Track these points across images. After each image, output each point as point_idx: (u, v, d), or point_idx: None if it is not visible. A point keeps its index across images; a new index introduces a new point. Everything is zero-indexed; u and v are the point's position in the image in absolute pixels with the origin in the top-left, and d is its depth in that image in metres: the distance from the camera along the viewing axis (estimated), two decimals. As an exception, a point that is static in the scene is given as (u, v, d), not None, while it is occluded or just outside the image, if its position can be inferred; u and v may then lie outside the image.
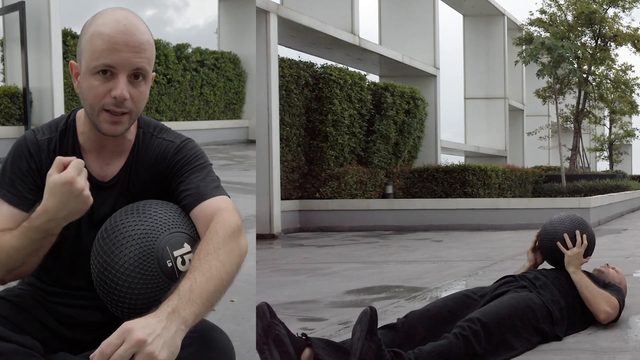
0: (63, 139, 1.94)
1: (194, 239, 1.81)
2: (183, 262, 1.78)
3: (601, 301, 3.52)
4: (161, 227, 1.80)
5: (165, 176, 1.95)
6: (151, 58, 1.85)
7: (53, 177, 1.75)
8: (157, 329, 1.49)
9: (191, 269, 1.65)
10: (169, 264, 1.77)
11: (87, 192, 1.77)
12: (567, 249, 3.63)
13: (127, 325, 1.48)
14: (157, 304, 1.60)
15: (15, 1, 10.22)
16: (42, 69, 10.14)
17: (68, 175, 1.74)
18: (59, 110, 10.02)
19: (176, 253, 1.78)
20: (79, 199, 1.76)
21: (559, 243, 3.64)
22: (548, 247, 3.73)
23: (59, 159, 1.77)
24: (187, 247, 1.80)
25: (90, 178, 1.92)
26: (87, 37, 1.82)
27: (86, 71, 1.81)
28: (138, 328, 1.48)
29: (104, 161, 1.95)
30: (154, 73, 1.92)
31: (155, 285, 1.76)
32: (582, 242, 3.64)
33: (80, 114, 1.96)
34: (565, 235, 3.64)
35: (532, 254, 3.84)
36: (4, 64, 11.25)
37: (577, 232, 3.66)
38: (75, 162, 1.77)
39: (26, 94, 10.30)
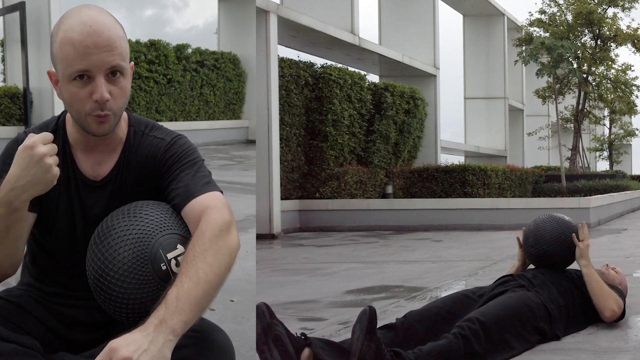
0: (54, 140, 1.93)
1: (187, 239, 1.80)
2: (177, 264, 1.77)
3: (609, 299, 3.51)
4: (154, 230, 1.79)
5: (157, 174, 1.94)
6: (124, 53, 1.83)
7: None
8: (143, 345, 1.49)
9: (179, 275, 1.64)
10: (163, 267, 1.76)
11: (50, 160, 1.72)
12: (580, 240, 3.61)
13: (112, 344, 1.48)
14: (155, 306, 1.60)
15: (15, 1, 10.22)
16: (42, 69, 10.14)
17: (29, 141, 1.71)
18: (59, 111, 10.00)
19: (170, 255, 1.78)
20: (41, 166, 1.71)
21: (573, 235, 3.60)
22: (532, 252, 3.68)
23: (30, 135, 1.75)
24: (180, 249, 1.79)
25: (82, 178, 1.93)
26: (57, 45, 1.80)
27: (63, 79, 1.81)
28: (123, 346, 1.47)
29: (96, 161, 1.95)
30: (132, 63, 1.91)
31: (150, 289, 1.76)
32: (588, 234, 3.65)
33: (69, 114, 1.95)
34: (579, 226, 3.63)
35: (521, 252, 3.82)
36: (4, 64, 11.26)
37: (584, 224, 3.66)
38: (42, 134, 1.74)
39: (26, 94, 10.31)
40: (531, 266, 3.80)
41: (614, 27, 22.90)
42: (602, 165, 36.84)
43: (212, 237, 1.71)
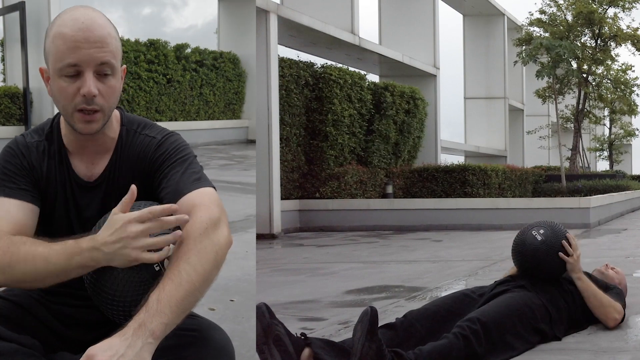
0: (50, 142, 1.95)
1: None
2: None
3: (610, 309, 3.48)
4: None
5: (149, 173, 1.94)
6: (116, 51, 1.84)
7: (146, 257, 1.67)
8: (120, 350, 1.49)
9: (162, 277, 1.63)
10: (157, 268, 1.76)
11: (146, 255, 1.68)
12: (568, 255, 3.46)
13: (90, 350, 1.49)
14: (136, 310, 1.59)
15: (15, 1, 10.22)
16: (42, 69, 10.13)
17: (138, 228, 1.65)
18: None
19: None
20: (130, 254, 1.67)
21: (560, 253, 3.44)
22: (521, 262, 3.52)
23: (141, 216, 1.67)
24: (173, 249, 1.78)
25: (77, 179, 1.94)
26: (49, 40, 1.82)
27: (54, 74, 1.82)
28: (100, 352, 1.48)
29: (89, 161, 1.95)
30: (125, 66, 1.92)
31: (143, 289, 1.75)
32: (576, 245, 3.56)
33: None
34: (564, 242, 3.47)
35: None
36: (4, 64, 11.26)
37: (571, 237, 3.53)
38: (145, 213, 1.67)
39: (26, 94, 10.31)
40: None
41: (614, 27, 22.89)
42: (602, 165, 36.88)
43: (196, 237, 1.69)
